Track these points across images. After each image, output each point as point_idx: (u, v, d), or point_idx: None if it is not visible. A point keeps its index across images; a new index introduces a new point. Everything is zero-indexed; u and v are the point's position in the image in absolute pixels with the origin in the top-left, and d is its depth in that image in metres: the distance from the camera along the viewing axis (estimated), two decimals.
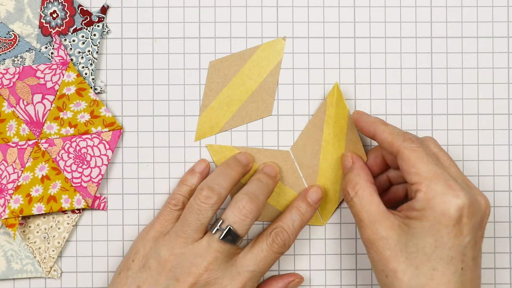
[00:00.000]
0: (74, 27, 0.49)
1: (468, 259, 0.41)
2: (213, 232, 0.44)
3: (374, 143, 0.50)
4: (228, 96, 0.49)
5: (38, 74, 0.49)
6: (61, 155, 0.48)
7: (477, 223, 0.41)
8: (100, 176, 0.49)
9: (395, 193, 0.48)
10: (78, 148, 0.48)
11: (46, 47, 0.49)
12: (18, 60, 0.49)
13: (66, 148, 0.48)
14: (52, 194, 0.48)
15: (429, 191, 0.41)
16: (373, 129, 0.46)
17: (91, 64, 0.49)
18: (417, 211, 0.41)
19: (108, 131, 0.49)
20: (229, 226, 0.43)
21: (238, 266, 0.44)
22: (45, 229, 0.49)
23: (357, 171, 0.46)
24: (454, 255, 0.40)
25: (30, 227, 0.49)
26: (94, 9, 0.50)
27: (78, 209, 0.49)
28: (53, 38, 0.49)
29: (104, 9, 0.49)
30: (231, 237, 0.43)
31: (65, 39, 0.49)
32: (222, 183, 0.45)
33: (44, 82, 0.49)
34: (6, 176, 0.48)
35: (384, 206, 0.43)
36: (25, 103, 0.48)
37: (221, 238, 0.43)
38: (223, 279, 0.43)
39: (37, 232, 0.49)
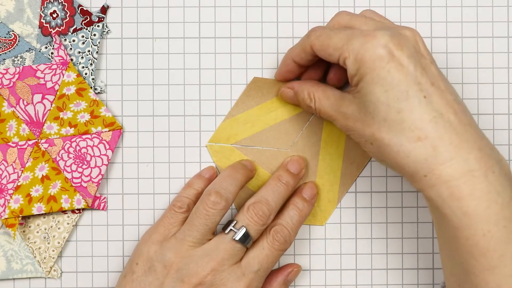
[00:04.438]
0: (74, 27, 0.49)
1: (426, 86, 0.39)
2: (226, 232, 0.44)
3: None
4: (257, 115, 0.49)
5: (38, 74, 0.49)
6: (61, 155, 0.48)
7: (413, 51, 0.40)
8: (100, 176, 0.49)
9: None
10: (78, 148, 0.48)
11: (46, 47, 0.49)
12: (18, 60, 0.49)
13: (66, 148, 0.48)
14: (52, 194, 0.48)
15: (351, 51, 0.40)
16: (289, 59, 0.47)
17: (91, 64, 0.49)
18: (355, 75, 0.41)
19: (108, 131, 0.49)
20: (243, 227, 0.44)
21: (242, 267, 0.44)
22: (45, 229, 0.49)
23: (300, 87, 0.46)
24: (408, 88, 0.39)
25: (30, 227, 0.49)
26: (94, 9, 0.50)
27: (78, 209, 0.49)
28: (53, 38, 0.49)
29: (104, 9, 0.50)
30: (244, 237, 0.44)
31: (65, 39, 0.49)
32: (229, 187, 0.45)
33: (44, 82, 0.49)
34: (6, 176, 0.48)
35: (339, 91, 0.44)
36: (25, 103, 0.48)
37: (234, 237, 0.44)
38: (227, 281, 0.43)
39: (37, 232, 0.49)
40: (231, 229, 0.44)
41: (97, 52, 0.49)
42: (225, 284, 0.43)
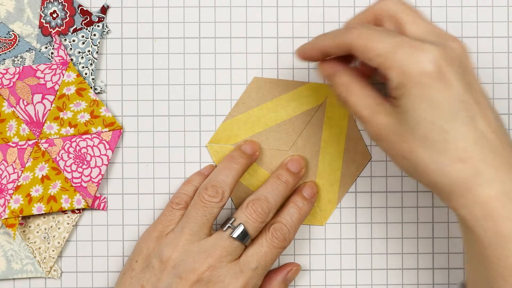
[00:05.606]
0: (74, 27, 0.49)
1: (471, 106, 0.38)
2: (224, 229, 0.44)
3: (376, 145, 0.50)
4: (257, 116, 0.49)
5: (38, 74, 0.49)
6: (61, 155, 0.48)
7: (461, 67, 0.38)
8: (100, 176, 0.49)
9: None
10: (78, 148, 0.48)
11: (46, 47, 0.49)
12: (18, 60, 0.49)
13: (66, 148, 0.48)
14: (52, 194, 0.48)
15: (396, 62, 0.37)
16: (317, 48, 0.42)
17: (91, 64, 0.49)
18: (398, 88, 0.38)
19: (108, 131, 0.49)
20: (241, 224, 0.44)
21: (241, 264, 0.44)
22: (45, 229, 0.49)
23: (339, 73, 0.42)
24: (453, 107, 0.37)
25: (30, 227, 0.49)
26: (94, 9, 0.50)
27: (78, 209, 0.49)
28: (53, 38, 0.49)
29: (104, 9, 0.50)
30: (242, 235, 0.44)
31: (65, 39, 0.49)
32: (226, 179, 0.45)
33: (44, 82, 0.49)
34: (6, 176, 0.48)
35: (379, 95, 0.41)
36: (25, 103, 0.48)
37: (231, 234, 0.44)
38: (225, 277, 0.43)
39: (37, 232, 0.49)
40: (229, 226, 0.44)
41: (97, 52, 0.49)
42: (222, 281, 0.43)
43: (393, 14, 0.40)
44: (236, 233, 0.44)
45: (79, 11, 0.49)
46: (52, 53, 0.49)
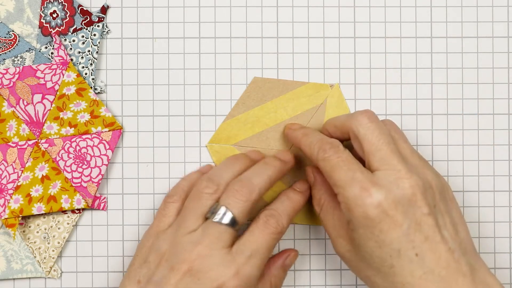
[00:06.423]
0: (74, 27, 0.49)
1: (419, 243, 0.40)
2: (208, 215, 0.43)
3: None
4: (257, 116, 0.49)
5: (38, 74, 0.49)
6: (61, 155, 0.48)
7: (407, 207, 0.40)
8: (100, 176, 0.49)
9: None
10: (78, 148, 0.48)
11: (46, 47, 0.49)
12: (18, 60, 0.49)
13: (66, 148, 0.48)
14: (52, 194, 0.48)
15: (346, 199, 0.41)
16: (297, 143, 0.46)
17: (91, 64, 0.49)
18: (350, 223, 0.42)
19: (108, 131, 0.49)
20: (222, 206, 0.43)
21: (233, 252, 0.43)
22: (45, 229, 0.49)
23: (319, 186, 0.46)
24: (400, 246, 0.40)
25: (30, 227, 0.49)
26: (94, 9, 0.50)
27: (78, 209, 0.49)
28: (53, 38, 0.49)
29: (104, 9, 0.50)
30: (225, 216, 0.43)
31: (65, 39, 0.49)
32: (224, 174, 0.45)
33: (44, 82, 0.49)
34: (6, 176, 0.48)
35: (347, 222, 0.43)
36: (25, 103, 0.49)
37: (215, 219, 0.43)
38: (216, 266, 0.42)
39: (37, 232, 0.49)
40: (212, 212, 0.43)
41: (97, 52, 0.49)
42: (213, 269, 0.42)
43: (361, 139, 0.43)
44: (218, 217, 0.43)
45: (79, 11, 0.49)
46: (52, 53, 0.49)
